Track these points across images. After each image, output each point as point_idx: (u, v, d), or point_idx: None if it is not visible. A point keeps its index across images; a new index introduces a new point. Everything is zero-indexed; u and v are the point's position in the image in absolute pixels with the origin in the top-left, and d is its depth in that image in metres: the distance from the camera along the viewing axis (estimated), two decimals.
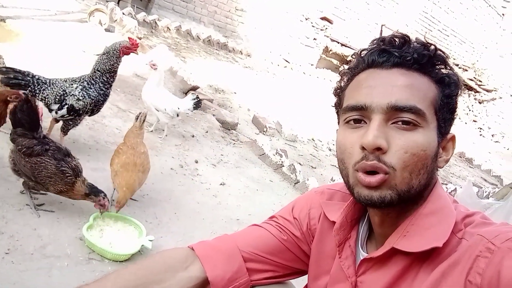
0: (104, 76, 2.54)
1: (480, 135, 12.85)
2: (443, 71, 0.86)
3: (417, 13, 12.07)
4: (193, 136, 3.83)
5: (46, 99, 2.46)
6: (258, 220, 2.89)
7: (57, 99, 2.47)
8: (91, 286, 0.89)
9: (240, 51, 8.72)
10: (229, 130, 4.43)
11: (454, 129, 0.90)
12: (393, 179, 0.80)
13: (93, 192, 2.03)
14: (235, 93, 5.99)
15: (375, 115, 0.82)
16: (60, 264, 1.79)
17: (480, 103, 13.46)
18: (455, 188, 5.21)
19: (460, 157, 8.49)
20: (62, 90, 2.48)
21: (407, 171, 0.80)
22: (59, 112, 2.47)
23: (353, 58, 0.94)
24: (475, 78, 13.51)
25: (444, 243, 0.79)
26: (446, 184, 5.49)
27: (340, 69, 10.92)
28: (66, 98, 2.47)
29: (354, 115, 0.86)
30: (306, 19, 10.12)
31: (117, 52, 2.53)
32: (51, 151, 1.99)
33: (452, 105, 0.87)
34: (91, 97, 2.51)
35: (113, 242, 2.02)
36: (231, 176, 3.38)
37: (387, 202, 0.81)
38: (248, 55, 8.85)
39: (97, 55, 4.50)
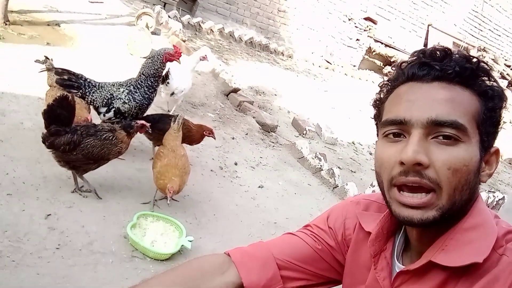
0: (149, 80, 2.63)
1: None
2: (487, 83, 0.84)
3: (466, 12, 11.58)
4: (233, 138, 3.89)
5: (95, 102, 2.59)
6: (295, 224, 2.90)
7: (104, 102, 2.59)
8: None
9: (282, 52, 8.73)
10: (268, 132, 4.46)
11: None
12: (440, 199, 0.78)
13: (126, 128, 2.24)
14: (275, 95, 6.01)
15: (414, 130, 0.81)
16: (105, 261, 1.89)
17: None
18: (503, 196, 4.97)
19: (510, 163, 8.06)
20: (109, 93, 2.60)
21: (452, 187, 0.78)
22: (106, 115, 2.60)
23: (393, 69, 0.94)
24: None
25: (484, 259, 0.77)
26: (494, 192, 5.24)
27: (384, 70, 10.70)
28: (113, 101, 2.59)
29: (393, 129, 0.85)
30: (349, 19, 9.98)
31: (160, 57, 2.63)
32: (84, 133, 2.14)
33: (496, 119, 0.84)
34: (136, 100, 2.61)
35: (155, 241, 2.10)
36: (269, 179, 3.41)
37: (428, 223, 0.79)
38: (290, 57, 8.84)
39: (143, 58, 4.66)
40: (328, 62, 9.67)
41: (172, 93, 3.68)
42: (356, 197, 1.17)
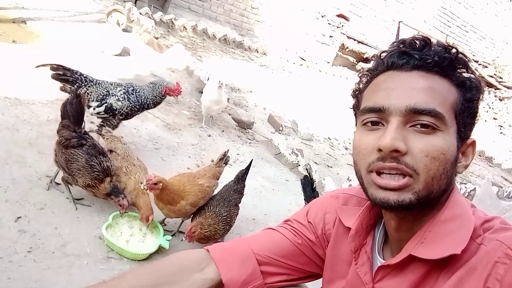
0: (146, 100, 2.73)
1: (501, 133, 12.54)
2: (465, 75, 0.84)
3: (435, 9, 11.86)
4: (209, 136, 3.86)
5: (88, 96, 2.60)
6: (274, 219, 2.88)
7: (99, 98, 2.61)
8: (108, 284, 0.91)
9: (256, 50, 8.72)
10: (245, 129, 4.45)
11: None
12: (417, 183, 0.79)
13: (113, 192, 2.09)
14: (251, 91, 6.00)
15: (393, 117, 0.81)
16: (80, 263, 1.83)
17: (500, 100, 13.16)
18: (474, 187, 5.11)
19: (480, 155, 8.32)
20: (106, 90, 2.64)
21: (430, 175, 0.79)
22: (96, 109, 2.61)
23: (372, 59, 0.94)
24: (495, 74, 13.22)
25: (463, 249, 0.78)
26: (465, 184, 5.39)
27: (357, 67, 10.85)
28: (107, 97, 2.62)
29: (372, 117, 0.85)
30: (322, 16, 10.06)
31: (161, 88, 2.72)
32: (86, 147, 2.09)
33: (473, 110, 0.85)
34: (130, 101, 2.66)
35: (131, 241, 2.06)
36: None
37: (404, 205, 0.80)
38: (264, 53, 8.84)
39: (115, 55, 4.56)
40: (302, 58, 9.72)
41: None
42: (335, 191, 1.17)
